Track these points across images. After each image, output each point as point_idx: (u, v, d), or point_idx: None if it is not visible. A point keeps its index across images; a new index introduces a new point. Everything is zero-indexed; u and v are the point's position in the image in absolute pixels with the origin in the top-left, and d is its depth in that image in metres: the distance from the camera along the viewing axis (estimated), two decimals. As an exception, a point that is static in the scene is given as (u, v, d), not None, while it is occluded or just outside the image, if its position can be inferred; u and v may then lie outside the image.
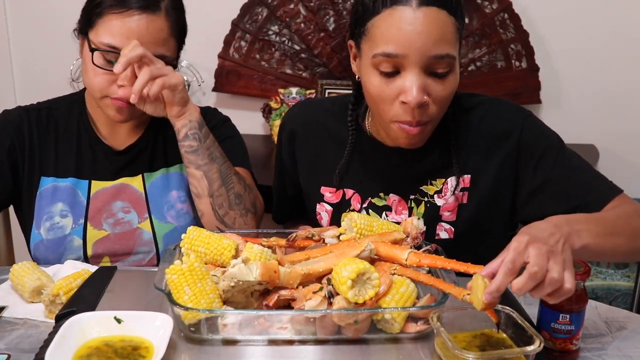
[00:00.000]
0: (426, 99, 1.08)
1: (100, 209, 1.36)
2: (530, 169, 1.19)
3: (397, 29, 1.05)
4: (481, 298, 0.83)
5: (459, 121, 1.23)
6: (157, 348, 0.89)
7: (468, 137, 1.23)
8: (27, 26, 2.48)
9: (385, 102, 1.11)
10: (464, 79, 2.45)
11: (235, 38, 2.45)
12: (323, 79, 2.45)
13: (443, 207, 1.24)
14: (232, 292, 0.94)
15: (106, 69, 1.24)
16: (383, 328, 0.94)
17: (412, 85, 1.06)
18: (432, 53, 1.05)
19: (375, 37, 1.08)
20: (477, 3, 2.40)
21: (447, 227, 1.25)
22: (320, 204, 1.33)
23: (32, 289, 1.09)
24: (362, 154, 1.28)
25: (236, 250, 1.05)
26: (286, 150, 1.38)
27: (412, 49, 1.05)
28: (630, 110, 2.56)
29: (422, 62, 1.06)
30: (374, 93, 1.11)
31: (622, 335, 1.02)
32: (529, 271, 0.82)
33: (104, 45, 1.23)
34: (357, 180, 1.29)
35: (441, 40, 1.06)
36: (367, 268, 0.90)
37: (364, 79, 1.14)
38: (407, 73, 1.07)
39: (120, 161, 1.39)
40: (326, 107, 1.35)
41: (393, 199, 1.27)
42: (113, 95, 1.25)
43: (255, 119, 2.53)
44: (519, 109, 1.24)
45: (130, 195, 1.38)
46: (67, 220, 1.35)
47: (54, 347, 0.86)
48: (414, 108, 1.08)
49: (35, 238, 1.34)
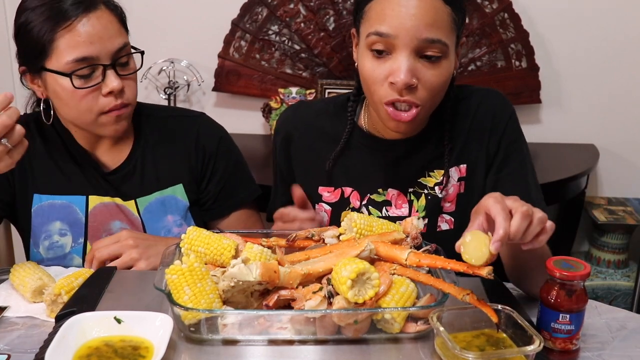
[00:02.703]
0: (414, 81, 1.09)
1: (99, 227, 1.33)
2: (497, 163, 1.24)
3: (391, 9, 1.08)
4: (486, 251, 0.88)
5: (454, 111, 1.25)
6: (157, 348, 0.89)
7: (463, 127, 1.25)
8: (27, 26, 2.48)
9: (375, 83, 1.12)
10: (464, 79, 2.45)
11: (235, 38, 2.45)
12: (323, 79, 2.45)
13: (444, 199, 1.25)
14: (232, 292, 0.94)
15: (89, 86, 1.19)
16: (383, 328, 0.94)
17: (400, 66, 1.08)
18: (423, 36, 1.07)
19: (370, 18, 1.11)
20: (477, 3, 2.40)
21: (447, 219, 1.26)
22: (318, 205, 1.33)
23: (33, 288, 1.09)
24: (359, 150, 1.29)
25: (236, 250, 1.05)
26: (282, 155, 1.37)
27: (403, 29, 1.07)
28: (630, 110, 2.56)
29: (412, 44, 1.08)
30: (366, 74, 1.13)
31: (622, 335, 1.02)
32: (520, 211, 0.89)
33: (73, 62, 1.16)
34: (354, 178, 1.30)
35: (433, 25, 1.08)
36: (367, 268, 0.90)
37: (359, 61, 1.16)
38: (397, 54, 1.09)
39: (111, 181, 1.34)
40: (320, 108, 1.35)
41: (392, 194, 1.27)
42: (107, 107, 1.21)
43: (255, 118, 2.53)
44: (507, 105, 1.27)
45: (128, 218, 1.34)
46: (66, 239, 1.33)
47: (54, 347, 0.86)
48: (401, 89, 1.09)
49: (34, 256, 1.33)
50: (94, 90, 1.20)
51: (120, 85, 1.20)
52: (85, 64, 1.18)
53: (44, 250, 1.32)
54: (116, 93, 1.20)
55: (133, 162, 1.35)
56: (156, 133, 1.38)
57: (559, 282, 0.93)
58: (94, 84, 1.19)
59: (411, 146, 1.25)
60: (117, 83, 1.20)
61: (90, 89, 1.19)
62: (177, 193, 1.37)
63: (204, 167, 1.39)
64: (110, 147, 1.34)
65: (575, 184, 2.30)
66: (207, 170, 1.39)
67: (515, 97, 2.45)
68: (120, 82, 1.20)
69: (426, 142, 1.25)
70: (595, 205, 2.52)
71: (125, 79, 1.23)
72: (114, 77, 1.20)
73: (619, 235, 2.45)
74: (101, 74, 1.19)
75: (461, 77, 2.46)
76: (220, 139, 1.42)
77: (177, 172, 1.37)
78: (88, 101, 1.20)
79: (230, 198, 1.40)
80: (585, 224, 2.58)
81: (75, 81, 1.18)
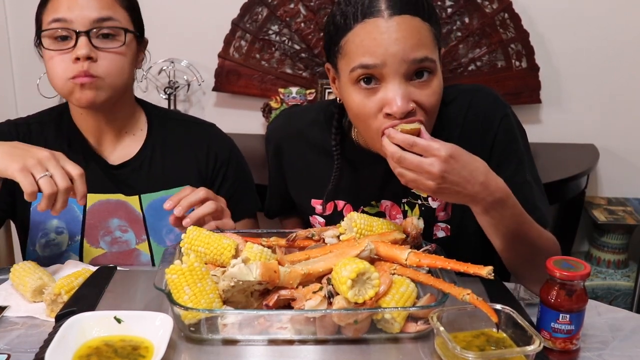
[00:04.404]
0: (412, 106, 1.04)
1: (97, 225, 1.33)
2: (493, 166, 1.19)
3: (372, 39, 1.03)
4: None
5: (441, 116, 1.19)
6: (157, 348, 0.89)
7: (453, 134, 1.20)
8: (27, 26, 2.48)
9: (369, 117, 1.06)
10: (464, 79, 2.45)
11: (235, 37, 2.45)
12: (323, 79, 2.45)
13: (438, 208, 1.24)
14: (232, 292, 0.94)
15: (60, 49, 1.21)
16: (383, 328, 0.94)
17: (395, 94, 1.02)
18: (411, 57, 1.02)
19: (350, 53, 1.05)
20: (477, 3, 2.40)
21: (443, 226, 1.25)
22: (312, 217, 1.32)
23: (33, 288, 1.09)
24: (351, 164, 1.26)
25: (236, 250, 1.05)
26: (273, 164, 1.36)
27: (389, 56, 1.02)
28: (630, 110, 2.56)
29: (402, 69, 1.02)
30: (357, 110, 1.07)
31: (622, 335, 1.02)
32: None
33: (50, 22, 1.20)
34: (347, 191, 1.28)
35: (418, 44, 1.03)
36: (367, 268, 0.90)
37: (345, 98, 1.10)
38: (388, 83, 1.03)
39: (115, 176, 1.34)
40: (311, 118, 1.31)
41: (385, 205, 1.26)
42: (72, 73, 1.20)
43: (255, 118, 2.53)
44: (498, 104, 1.21)
45: (128, 214, 1.34)
46: (63, 237, 1.32)
47: (54, 347, 0.86)
48: (400, 118, 1.03)
49: (30, 255, 1.33)
50: (65, 53, 1.21)
51: (88, 53, 1.20)
52: (58, 25, 1.20)
53: (40, 248, 1.32)
54: (82, 60, 1.20)
55: (142, 158, 1.36)
56: (168, 134, 1.39)
57: (559, 282, 0.93)
58: (65, 48, 1.21)
59: None
60: (85, 51, 1.19)
61: (62, 51, 1.21)
62: None
63: (215, 172, 1.40)
64: (118, 143, 1.35)
65: (575, 184, 2.30)
66: (218, 176, 1.40)
67: (515, 97, 2.45)
68: (89, 51, 1.20)
69: None
70: (595, 205, 2.52)
71: (104, 52, 1.22)
72: (84, 45, 1.20)
73: (618, 235, 2.45)
74: (74, 40, 1.20)
75: (461, 77, 2.46)
76: (232, 148, 1.44)
77: (185, 174, 1.37)
78: (59, 64, 1.21)
79: (238, 206, 1.40)
80: (585, 224, 2.58)
81: (50, 42, 1.21)
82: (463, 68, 2.47)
